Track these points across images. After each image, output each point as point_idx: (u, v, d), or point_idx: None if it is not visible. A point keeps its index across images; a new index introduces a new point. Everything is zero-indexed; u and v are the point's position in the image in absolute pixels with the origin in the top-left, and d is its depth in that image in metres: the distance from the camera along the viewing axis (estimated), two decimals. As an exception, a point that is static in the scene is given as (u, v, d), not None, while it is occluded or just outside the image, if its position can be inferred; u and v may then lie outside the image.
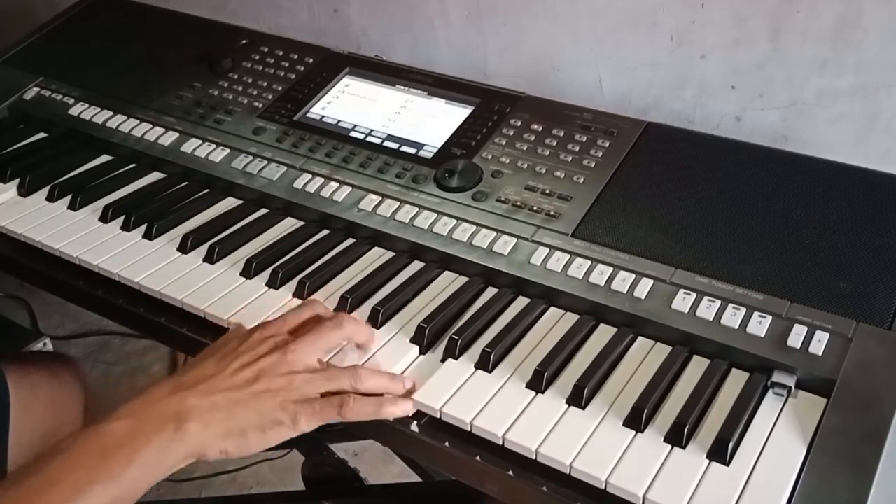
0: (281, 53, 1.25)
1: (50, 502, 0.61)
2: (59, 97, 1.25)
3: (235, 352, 0.73)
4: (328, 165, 1.05)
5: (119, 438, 0.65)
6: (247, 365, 0.72)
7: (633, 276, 0.85)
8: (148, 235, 1.00)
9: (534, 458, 0.70)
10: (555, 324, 0.85)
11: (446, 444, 0.74)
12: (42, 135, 1.23)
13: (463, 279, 0.91)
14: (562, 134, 1.03)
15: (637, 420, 0.72)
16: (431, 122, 1.09)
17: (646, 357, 0.80)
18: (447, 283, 0.91)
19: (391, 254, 0.96)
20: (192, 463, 0.68)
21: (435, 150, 1.05)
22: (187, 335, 0.90)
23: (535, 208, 0.94)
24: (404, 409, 0.75)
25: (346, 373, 0.74)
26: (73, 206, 1.06)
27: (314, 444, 1.36)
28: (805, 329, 0.77)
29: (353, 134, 1.10)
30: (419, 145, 1.06)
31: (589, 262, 0.87)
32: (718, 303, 0.81)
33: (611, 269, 0.86)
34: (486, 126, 1.06)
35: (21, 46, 1.36)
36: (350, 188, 1.01)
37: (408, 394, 0.76)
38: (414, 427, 0.76)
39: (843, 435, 0.68)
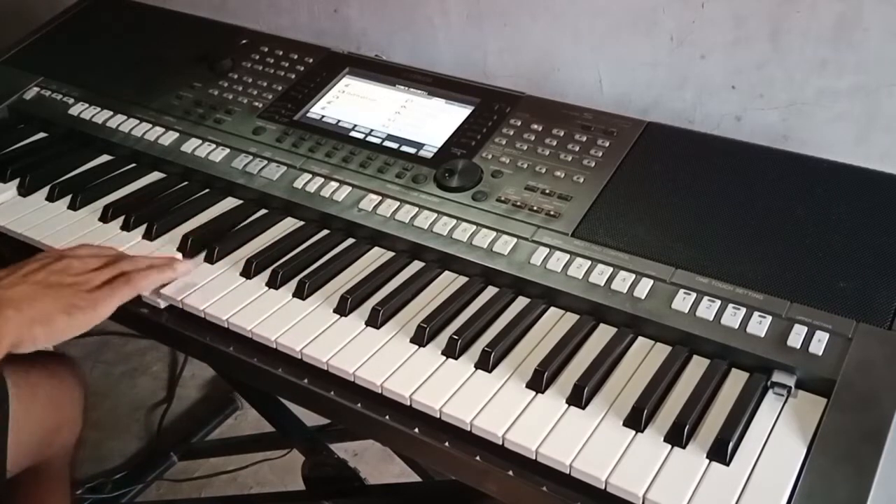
0: (281, 53, 1.25)
1: None
2: (59, 97, 1.25)
3: (25, 264, 0.86)
4: (328, 165, 1.05)
5: None
6: (37, 270, 0.85)
7: (633, 275, 0.85)
8: (148, 235, 1.00)
9: (534, 458, 0.70)
10: (555, 324, 0.85)
11: (446, 444, 0.74)
12: (42, 135, 1.23)
13: (463, 279, 0.91)
14: (562, 134, 1.03)
15: (637, 420, 0.72)
16: (431, 122, 1.09)
17: (646, 357, 0.80)
18: (447, 283, 0.91)
19: (391, 254, 0.96)
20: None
21: (435, 150, 1.05)
22: (187, 335, 0.89)
23: (535, 208, 0.94)
24: (184, 268, 0.91)
25: (123, 258, 0.90)
26: (73, 206, 1.06)
27: (314, 444, 1.36)
28: (805, 329, 0.77)
29: (353, 134, 1.10)
30: (419, 145, 1.06)
31: (589, 262, 0.87)
32: (718, 303, 0.81)
33: (611, 269, 0.86)
34: (486, 126, 1.06)
35: (21, 46, 1.36)
36: (350, 188, 1.01)
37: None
38: (414, 427, 0.76)
39: (843, 435, 0.69)
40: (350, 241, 0.98)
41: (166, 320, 0.91)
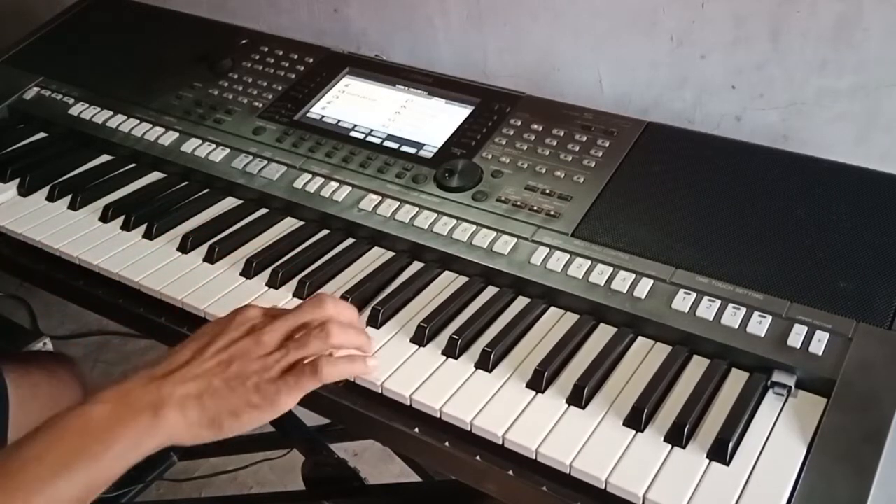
0: (281, 53, 1.25)
1: (30, 477, 0.63)
2: (59, 97, 1.25)
3: (211, 338, 0.73)
4: (328, 165, 1.05)
5: (100, 422, 0.66)
6: (221, 350, 0.72)
7: (633, 275, 0.85)
8: (148, 235, 1.00)
9: (534, 457, 0.70)
10: (555, 324, 0.85)
11: (446, 444, 0.74)
12: (42, 135, 1.23)
13: (463, 279, 0.91)
14: (562, 134, 1.03)
15: (637, 420, 0.72)
16: (431, 121, 1.09)
17: (646, 357, 0.80)
18: (447, 283, 0.91)
19: (391, 254, 0.96)
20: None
21: (435, 150, 1.05)
22: (187, 335, 0.89)
23: (535, 208, 0.94)
24: (375, 366, 0.76)
25: (314, 333, 0.73)
26: (73, 206, 1.06)
27: (314, 444, 1.36)
28: (805, 329, 0.77)
29: (353, 134, 1.10)
30: (419, 145, 1.06)
31: (589, 262, 0.87)
32: (718, 303, 0.81)
33: (611, 269, 0.86)
34: (486, 126, 1.06)
35: (21, 46, 1.36)
36: (350, 188, 1.01)
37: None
38: (414, 427, 0.76)
39: (843, 435, 0.69)
40: (350, 241, 0.98)
41: (166, 320, 0.91)
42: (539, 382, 0.76)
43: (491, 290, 0.90)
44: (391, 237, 0.96)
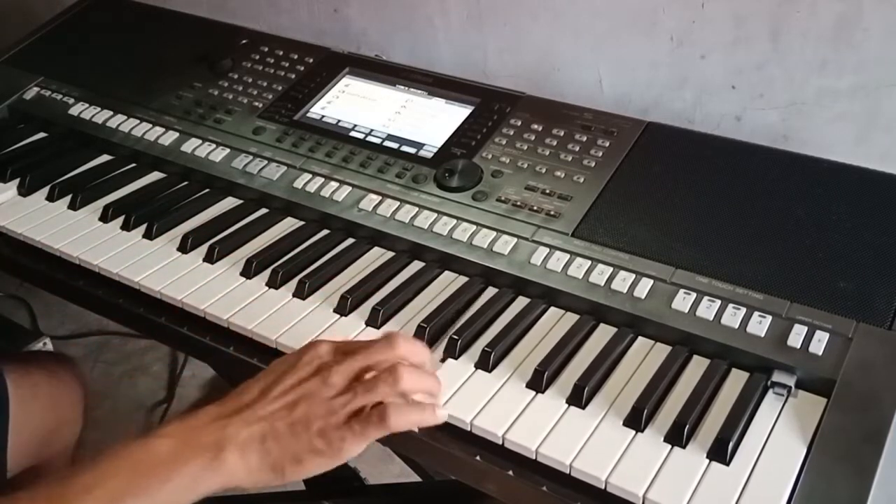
0: (281, 53, 1.25)
1: None
2: (59, 97, 1.25)
3: (278, 376, 0.70)
4: (328, 165, 1.05)
5: (159, 456, 0.64)
6: (287, 391, 0.68)
7: (633, 275, 0.85)
8: (148, 235, 1.00)
9: (534, 457, 0.70)
10: (555, 324, 0.85)
11: (446, 444, 0.74)
12: (42, 135, 1.23)
13: (463, 279, 0.91)
14: (562, 134, 1.03)
15: (637, 420, 0.72)
16: (431, 121, 1.09)
17: (646, 357, 0.80)
18: (447, 283, 0.91)
19: (391, 254, 0.96)
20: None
21: (435, 150, 1.05)
22: (187, 335, 0.90)
23: (535, 208, 0.94)
24: (443, 415, 0.72)
25: (383, 378, 0.68)
26: (73, 206, 1.06)
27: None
28: (805, 329, 0.77)
29: (353, 134, 1.10)
30: (419, 145, 1.06)
31: (589, 262, 0.87)
32: (718, 303, 0.81)
33: (611, 269, 0.86)
34: (486, 126, 1.06)
35: (21, 46, 1.36)
36: (350, 188, 1.01)
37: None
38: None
39: (843, 435, 0.69)
40: (350, 241, 0.98)
41: (166, 320, 0.91)
42: (539, 382, 0.76)
43: (491, 290, 0.90)
44: (391, 237, 0.96)
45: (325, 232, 1.00)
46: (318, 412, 0.67)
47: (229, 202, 1.06)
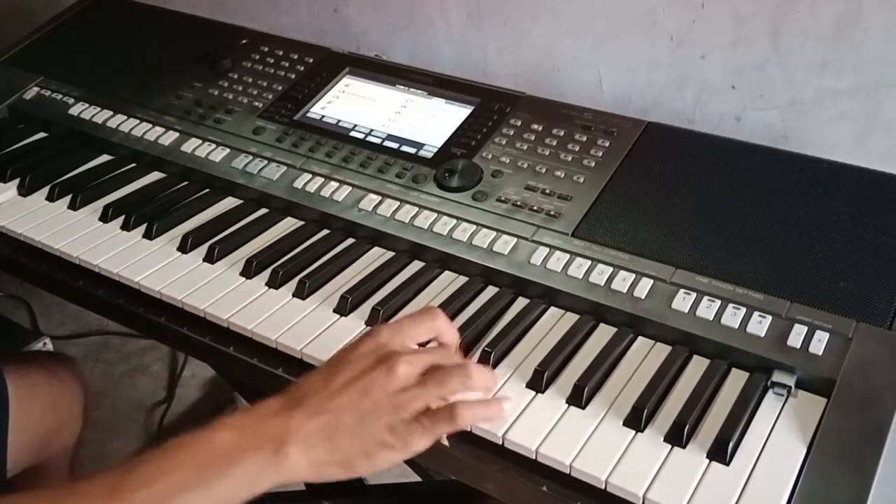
0: (281, 53, 1.25)
1: (142, 498, 0.60)
2: (59, 97, 1.25)
3: (340, 367, 0.67)
4: (328, 165, 1.05)
5: (220, 450, 0.63)
6: (350, 382, 0.66)
7: (633, 275, 0.85)
8: (148, 235, 1.00)
9: (534, 458, 0.70)
10: (555, 324, 0.85)
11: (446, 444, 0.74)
12: (42, 135, 1.23)
13: (463, 279, 0.91)
14: (562, 134, 1.03)
15: (637, 420, 0.72)
16: (431, 121, 1.09)
17: (646, 357, 0.80)
18: (447, 283, 0.91)
19: (391, 254, 0.96)
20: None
21: (435, 150, 1.05)
22: (187, 335, 0.90)
23: (535, 208, 0.94)
24: (509, 409, 0.71)
25: (453, 372, 0.66)
26: (73, 206, 1.06)
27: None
28: (805, 329, 0.77)
29: (353, 134, 1.10)
30: (419, 145, 1.06)
31: (589, 262, 0.87)
32: (718, 303, 0.81)
33: (611, 269, 0.86)
34: (486, 126, 1.06)
35: (21, 46, 1.36)
36: (350, 188, 1.01)
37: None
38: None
39: (843, 435, 0.68)
40: (350, 241, 0.98)
41: (166, 320, 0.91)
42: (539, 382, 0.76)
43: (491, 290, 0.89)
44: (391, 237, 0.96)
45: (325, 232, 1.00)
46: (386, 405, 0.65)
47: (229, 202, 1.06)
